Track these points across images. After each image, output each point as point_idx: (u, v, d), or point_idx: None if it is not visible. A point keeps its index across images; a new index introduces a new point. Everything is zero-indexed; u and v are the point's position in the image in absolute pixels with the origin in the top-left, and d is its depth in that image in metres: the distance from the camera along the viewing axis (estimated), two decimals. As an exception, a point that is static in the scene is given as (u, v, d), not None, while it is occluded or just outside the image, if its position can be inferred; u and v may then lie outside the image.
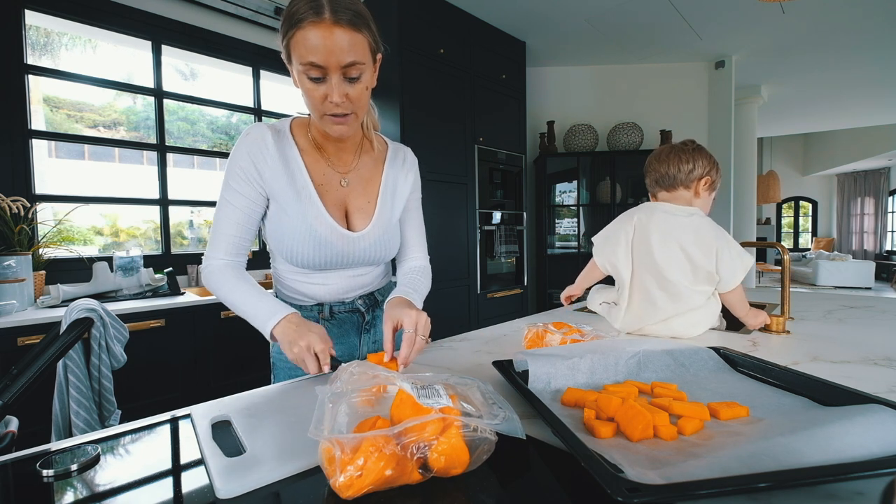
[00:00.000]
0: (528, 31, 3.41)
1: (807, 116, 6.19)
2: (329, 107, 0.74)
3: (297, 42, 0.70)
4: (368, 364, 0.57)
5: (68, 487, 0.45)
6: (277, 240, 0.87)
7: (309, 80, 0.72)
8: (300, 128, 0.88)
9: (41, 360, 0.98)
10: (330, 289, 0.93)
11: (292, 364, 0.87)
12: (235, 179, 0.82)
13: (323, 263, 0.87)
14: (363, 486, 0.39)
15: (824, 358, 0.83)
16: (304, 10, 0.69)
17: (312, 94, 0.74)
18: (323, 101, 0.74)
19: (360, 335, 0.99)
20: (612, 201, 3.84)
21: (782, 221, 10.26)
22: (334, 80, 0.72)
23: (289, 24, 0.71)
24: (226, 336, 2.06)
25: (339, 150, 0.89)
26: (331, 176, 0.88)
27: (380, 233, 0.92)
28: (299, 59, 0.71)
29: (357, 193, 0.91)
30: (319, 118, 0.78)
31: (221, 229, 0.83)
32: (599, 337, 0.84)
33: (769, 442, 0.42)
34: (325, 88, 0.73)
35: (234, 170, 0.82)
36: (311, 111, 0.78)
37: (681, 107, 4.07)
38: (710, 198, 1.12)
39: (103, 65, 2.59)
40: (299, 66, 0.71)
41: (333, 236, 0.86)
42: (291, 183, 0.83)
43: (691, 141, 1.13)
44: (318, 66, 0.70)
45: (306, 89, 0.74)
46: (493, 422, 0.44)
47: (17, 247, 1.86)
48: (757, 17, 3.24)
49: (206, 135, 3.24)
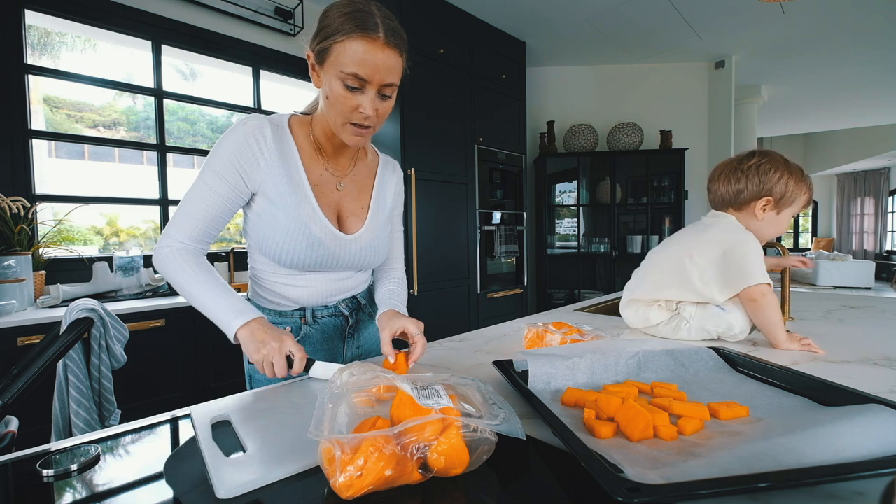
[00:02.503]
0: (528, 31, 3.41)
1: (807, 116, 6.19)
2: (357, 117, 0.75)
3: (342, 49, 0.70)
4: (368, 365, 0.57)
5: (68, 487, 0.45)
6: (265, 237, 0.83)
7: (345, 88, 0.73)
8: (300, 125, 0.86)
9: (41, 360, 0.98)
10: (313, 291, 0.91)
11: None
12: (223, 165, 0.78)
13: (312, 264, 0.85)
14: (363, 486, 0.39)
15: (824, 358, 0.83)
16: (357, 21, 0.70)
17: (345, 102, 0.74)
18: (353, 111, 0.75)
19: (343, 340, 0.97)
20: (612, 201, 3.84)
21: (782, 221, 10.25)
22: (370, 94, 0.74)
23: (335, 30, 0.71)
24: (226, 336, 2.06)
25: (339, 154, 0.89)
26: (327, 178, 0.88)
27: (371, 237, 0.92)
28: (341, 67, 0.71)
29: (351, 198, 0.91)
30: (341, 125, 0.77)
31: (191, 212, 0.78)
32: (599, 337, 0.84)
33: (769, 442, 0.42)
34: (358, 99, 0.74)
35: (224, 156, 0.78)
36: (334, 116, 0.77)
37: (681, 107, 4.08)
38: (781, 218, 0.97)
39: (103, 65, 2.59)
40: (340, 72, 0.71)
41: (327, 237, 0.85)
42: (287, 179, 0.81)
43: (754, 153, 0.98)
44: (360, 78, 0.71)
45: (339, 96, 0.73)
46: (493, 422, 0.44)
47: (17, 247, 1.86)
48: (757, 17, 3.24)
49: (206, 135, 3.24)
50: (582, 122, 3.92)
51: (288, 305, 0.91)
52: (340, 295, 0.95)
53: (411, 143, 2.72)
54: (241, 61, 2.76)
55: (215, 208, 0.79)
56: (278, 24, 2.83)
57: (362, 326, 1.00)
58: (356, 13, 0.71)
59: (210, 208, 0.78)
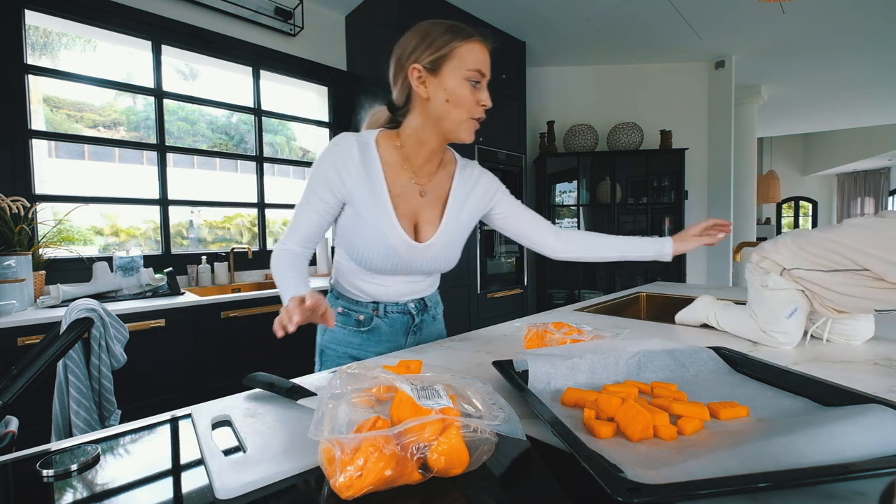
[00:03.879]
0: (528, 31, 3.41)
1: (807, 116, 6.19)
2: (478, 111, 0.87)
3: (466, 51, 0.84)
4: (368, 364, 0.57)
5: (68, 487, 0.45)
6: (349, 242, 0.94)
7: (469, 84, 0.84)
8: (387, 140, 0.94)
9: (41, 360, 0.98)
10: (387, 290, 1.00)
11: (341, 352, 1.01)
12: (319, 184, 0.90)
13: (387, 269, 0.95)
14: (363, 486, 0.39)
15: (824, 358, 0.83)
16: (463, 30, 0.85)
17: (470, 98, 0.85)
18: (476, 105, 0.86)
19: (406, 336, 1.06)
20: (612, 201, 3.84)
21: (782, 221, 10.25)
22: (485, 89, 0.87)
23: (450, 38, 0.84)
24: (226, 336, 2.06)
25: (427, 162, 0.96)
26: (410, 187, 0.95)
27: (443, 244, 0.98)
28: (466, 66, 0.84)
29: (430, 205, 0.98)
30: (465, 121, 0.87)
31: (298, 224, 0.93)
32: (599, 337, 0.84)
33: (769, 442, 0.41)
34: (480, 94, 0.86)
35: (318, 176, 0.90)
36: (458, 115, 0.86)
37: (681, 107, 4.08)
38: None
39: (103, 65, 2.59)
40: (466, 71, 0.84)
41: (402, 246, 0.93)
42: (370, 193, 0.90)
43: None
44: (482, 73, 0.85)
45: (464, 93, 0.85)
46: (493, 422, 0.44)
47: (17, 247, 1.86)
48: (757, 17, 3.24)
49: (206, 135, 3.24)
50: (582, 122, 3.92)
51: (364, 298, 1.02)
52: (410, 296, 1.05)
53: (411, 143, 2.72)
54: (241, 61, 2.76)
55: (314, 221, 0.93)
56: (278, 24, 2.83)
57: (424, 326, 1.10)
58: (456, 26, 0.85)
59: (309, 220, 0.93)
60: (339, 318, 1.02)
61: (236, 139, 3.31)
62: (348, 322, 1.01)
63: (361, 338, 1.01)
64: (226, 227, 3.10)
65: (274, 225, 3.23)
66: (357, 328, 1.01)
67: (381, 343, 1.02)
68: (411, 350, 0.99)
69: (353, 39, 3.15)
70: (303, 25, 2.91)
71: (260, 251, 2.86)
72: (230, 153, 3.07)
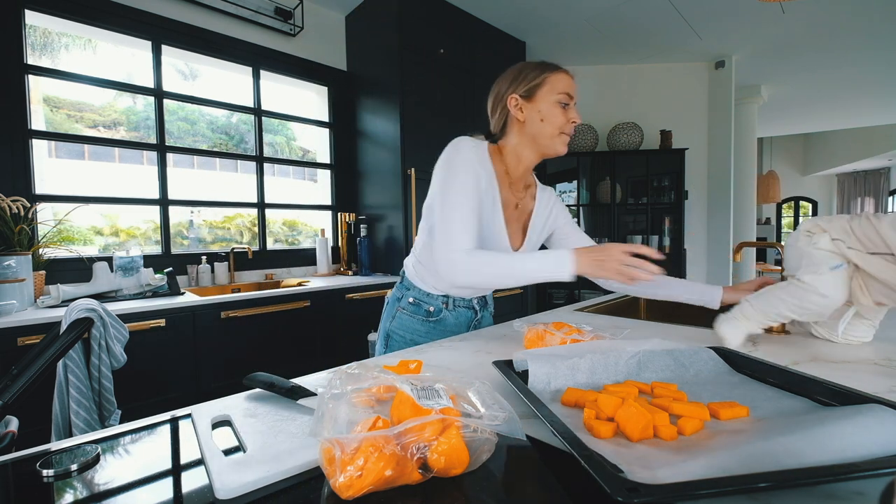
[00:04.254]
0: (528, 31, 3.41)
1: (807, 116, 6.19)
2: (568, 126, 0.99)
3: (555, 80, 0.98)
4: (368, 365, 0.57)
5: (68, 487, 0.45)
6: None
7: (560, 106, 0.97)
8: (495, 152, 1.05)
9: (41, 360, 0.98)
10: (467, 290, 1.10)
11: (408, 338, 1.10)
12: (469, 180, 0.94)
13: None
14: (363, 486, 0.39)
15: (824, 358, 0.83)
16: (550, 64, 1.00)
17: (561, 117, 0.98)
18: (566, 123, 0.98)
19: (468, 328, 1.17)
20: (612, 201, 3.84)
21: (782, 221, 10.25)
22: (573, 107, 0.99)
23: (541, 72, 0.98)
24: (226, 336, 2.06)
25: (522, 177, 1.08)
26: (509, 200, 1.06)
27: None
28: (557, 91, 0.97)
29: (518, 218, 1.09)
30: (557, 136, 0.99)
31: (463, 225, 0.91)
32: (599, 337, 0.84)
33: (769, 442, 0.41)
34: (569, 113, 0.99)
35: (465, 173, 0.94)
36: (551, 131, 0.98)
37: (681, 107, 4.08)
38: None
39: (103, 65, 2.59)
40: (557, 94, 0.97)
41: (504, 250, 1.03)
42: (489, 197, 0.99)
43: None
44: (570, 95, 0.98)
45: (556, 114, 0.97)
46: (493, 422, 0.44)
47: (17, 247, 1.86)
48: (757, 17, 3.24)
49: (206, 135, 3.24)
50: (582, 122, 3.92)
51: (436, 291, 1.10)
52: (479, 294, 1.15)
53: (411, 143, 2.72)
54: (241, 61, 2.76)
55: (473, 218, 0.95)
56: (278, 24, 2.83)
57: (483, 321, 1.21)
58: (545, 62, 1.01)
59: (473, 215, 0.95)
60: (409, 308, 1.11)
61: (236, 139, 3.31)
62: (418, 312, 1.10)
63: (428, 327, 1.11)
64: (226, 227, 3.10)
65: (274, 225, 3.23)
66: (426, 318, 1.10)
67: (445, 333, 1.12)
68: (411, 350, 0.99)
69: (353, 39, 3.15)
70: (303, 25, 2.91)
71: (260, 251, 2.86)
72: (230, 153, 3.07)
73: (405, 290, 1.13)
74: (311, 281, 2.65)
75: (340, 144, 3.23)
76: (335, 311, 2.44)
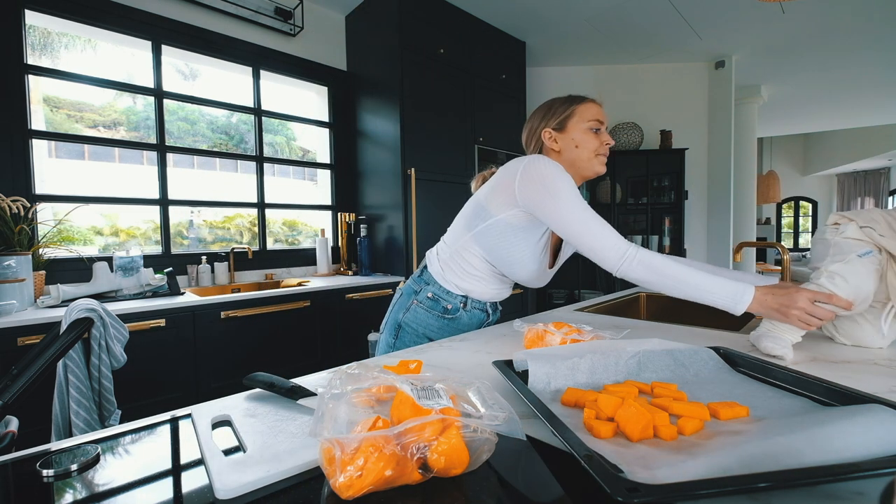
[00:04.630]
0: (528, 31, 3.41)
1: (807, 116, 6.19)
2: (603, 148, 1.06)
3: (583, 110, 1.06)
4: (368, 365, 0.57)
5: (68, 487, 0.45)
6: (507, 254, 1.06)
7: (592, 132, 1.06)
8: None
9: (41, 360, 0.98)
10: (483, 294, 1.15)
11: (420, 332, 1.13)
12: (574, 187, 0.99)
13: (520, 281, 1.12)
14: (363, 486, 0.39)
15: (824, 358, 0.83)
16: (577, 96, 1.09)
17: (594, 140, 1.05)
18: (601, 145, 1.06)
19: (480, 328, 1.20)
20: (612, 201, 3.84)
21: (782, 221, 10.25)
22: (605, 131, 1.08)
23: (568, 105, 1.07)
24: (226, 336, 2.06)
25: None
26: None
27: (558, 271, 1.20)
28: (587, 118, 1.05)
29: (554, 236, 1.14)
30: (593, 157, 1.06)
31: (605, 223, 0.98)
32: (599, 337, 0.84)
33: (769, 442, 0.41)
34: (601, 136, 1.06)
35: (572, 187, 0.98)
36: (587, 154, 1.06)
37: (681, 107, 4.08)
38: None
39: (103, 65, 2.59)
40: (587, 122, 1.05)
41: (541, 270, 1.11)
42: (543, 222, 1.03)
43: None
44: (601, 122, 1.06)
45: (589, 139, 1.05)
46: (493, 422, 0.44)
47: (17, 247, 1.86)
48: (757, 17, 3.24)
49: (206, 135, 3.23)
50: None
51: (458, 291, 1.14)
52: (496, 298, 1.20)
53: (411, 143, 2.72)
54: (241, 61, 2.76)
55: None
56: (278, 24, 2.83)
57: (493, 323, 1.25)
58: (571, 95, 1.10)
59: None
60: (427, 303, 1.14)
61: (236, 139, 3.31)
62: (435, 307, 1.13)
63: (442, 324, 1.14)
64: (226, 227, 3.10)
65: (274, 225, 3.23)
66: (442, 315, 1.13)
67: (457, 332, 1.15)
68: (412, 350, 0.99)
69: (353, 39, 3.15)
70: (303, 25, 2.91)
71: (260, 251, 2.86)
72: (230, 153, 3.07)
73: (424, 284, 1.16)
74: (311, 281, 2.65)
75: (340, 144, 3.23)
76: (335, 311, 2.44)
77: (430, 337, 1.13)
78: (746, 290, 0.81)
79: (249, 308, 2.12)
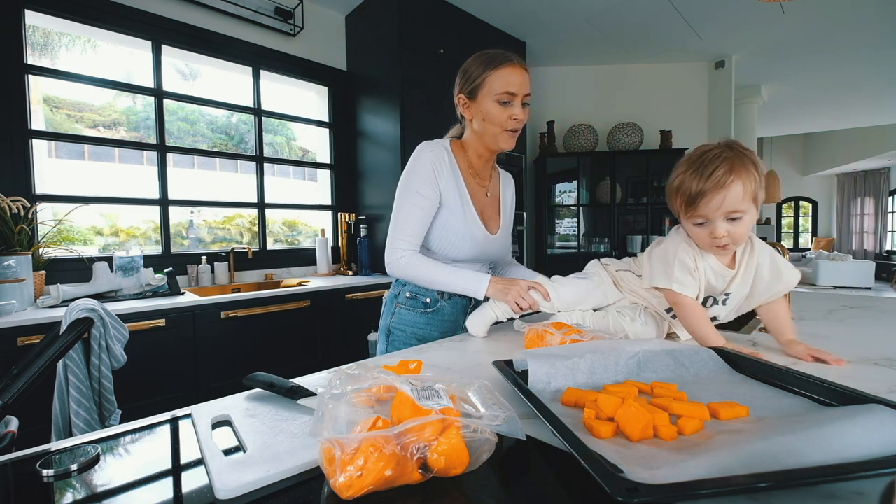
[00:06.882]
0: (528, 31, 3.41)
1: (807, 116, 6.20)
2: (510, 123, 1.03)
3: (494, 79, 1.00)
4: (368, 365, 0.57)
5: (68, 487, 0.45)
6: (443, 238, 1.09)
7: (500, 105, 1.01)
8: (456, 148, 1.13)
9: (41, 360, 0.98)
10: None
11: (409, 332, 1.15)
12: (421, 184, 1.04)
13: (468, 258, 1.13)
14: (363, 486, 0.39)
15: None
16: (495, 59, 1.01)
17: (501, 115, 1.01)
18: (508, 119, 1.02)
19: (465, 315, 1.17)
20: (612, 201, 3.84)
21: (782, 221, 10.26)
22: (517, 104, 1.02)
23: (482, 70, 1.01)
24: (226, 336, 2.06)
25: (484, 167, 1.16)
26: (476, 189, 1.14)
27: (505, 235, 1.20)
28: (495, 91, 1.00)
29: (491, 203, 1.18)
30: (500, 133, 1.04)
31: (407, 225, 1.05)
32: (599, 337, 0.84)
33: (769, 442, 0.41)
34: (510, 111, 1.02)
35: (420, 178, 1.04)
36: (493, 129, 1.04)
37: (681, 107, 4.08)
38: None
39: (103, 65, 2.59)
40: (495, 95, 1.00)
41: (482, 237, 1.12)
42: (458, 193, 1.07)
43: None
44: (510, 93, 1.00)
45: (496, 112, 1.01)
46: (493, 422, 0.44)
47: (17, 247, 1.86)
48: (757, 17, 3.24)
49: (206, 135, 3.24)
50: (582, 122, 3.92)
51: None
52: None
53: (411, 143, 2.71)
54: (241, 61, 2.76)
55: (421, 219, 1.06)
56: (278, 24, 2.83)
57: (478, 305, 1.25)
58: (490, 54, 1.02)
59: (417, 220, 1.05)
60: (407, 302, 1.15)
61: (236, 139, 3.31)
62: (416, 305, 1.14)
63: (427, 318, 1.14)
64: (226, 228, 3.10)
65: (274, 225, 3.24)
66: (424, 310, 1.14)
67: (444, 323, 1.16)
68: (411, 350, 0.99)
69: (353, 39, 3.15)
70: (303, 25, 2.91)
71: (260, 251, 2.86)
72: (230, 153, 3.07)
73: (401, 286, 1.18)
74: (311, 281, 2.65)
75: (340, 144, 3.23)
76: (335, 311, 2.44)
77: (420, 335, 1.14)
78: (484, 279, 1.03)
79: (249, 308, 2.12)
